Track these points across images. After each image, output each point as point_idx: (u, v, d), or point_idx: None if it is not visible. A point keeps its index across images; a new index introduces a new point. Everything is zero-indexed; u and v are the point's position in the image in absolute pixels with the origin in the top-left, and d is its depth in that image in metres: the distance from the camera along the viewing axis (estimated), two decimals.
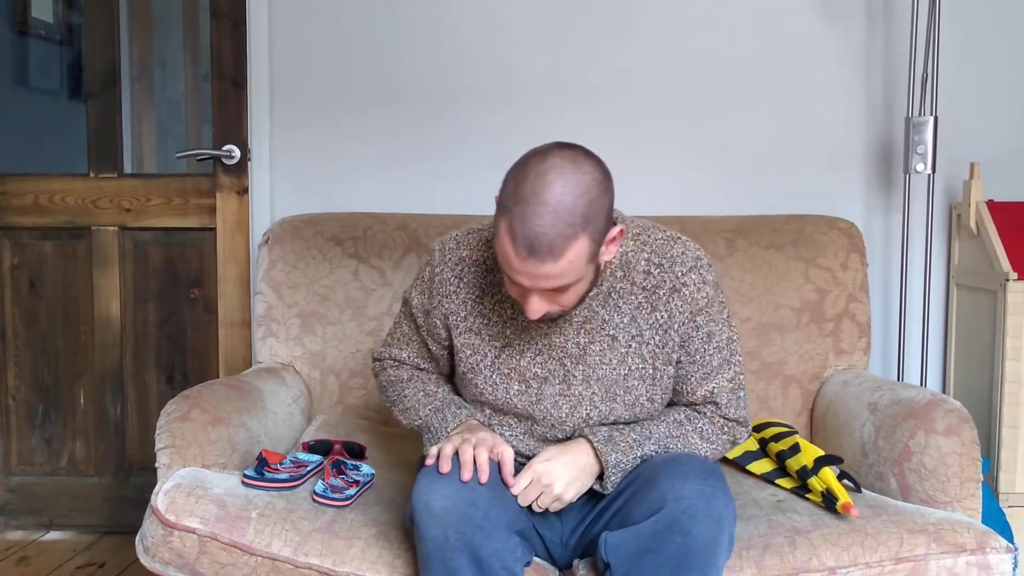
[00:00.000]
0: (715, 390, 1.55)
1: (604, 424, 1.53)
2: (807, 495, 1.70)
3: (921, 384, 2.35)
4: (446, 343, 1.63)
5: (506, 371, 1.55)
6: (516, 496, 1.46)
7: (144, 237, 2.70)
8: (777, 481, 1.81)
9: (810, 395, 2.13)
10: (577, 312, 1.50)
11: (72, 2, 2.93)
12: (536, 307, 1.38)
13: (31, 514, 2.78)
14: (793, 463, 1.76)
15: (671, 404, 1.60)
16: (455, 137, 2.50)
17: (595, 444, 1.48)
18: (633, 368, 1.51)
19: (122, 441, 2.75)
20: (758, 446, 1.95)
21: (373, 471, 1.77)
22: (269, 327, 2.21)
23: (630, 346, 1.51)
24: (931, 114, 2.28)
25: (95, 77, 2.68)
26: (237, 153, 2.57)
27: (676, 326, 1.50)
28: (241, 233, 2.59)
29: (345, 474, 1.73)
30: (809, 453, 1.74)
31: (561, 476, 1.46)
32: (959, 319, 2.39)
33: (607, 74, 2.46)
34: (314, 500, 1.63)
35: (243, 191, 2.58)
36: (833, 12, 2.43)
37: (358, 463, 1.78)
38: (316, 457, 1.80)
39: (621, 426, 1.52)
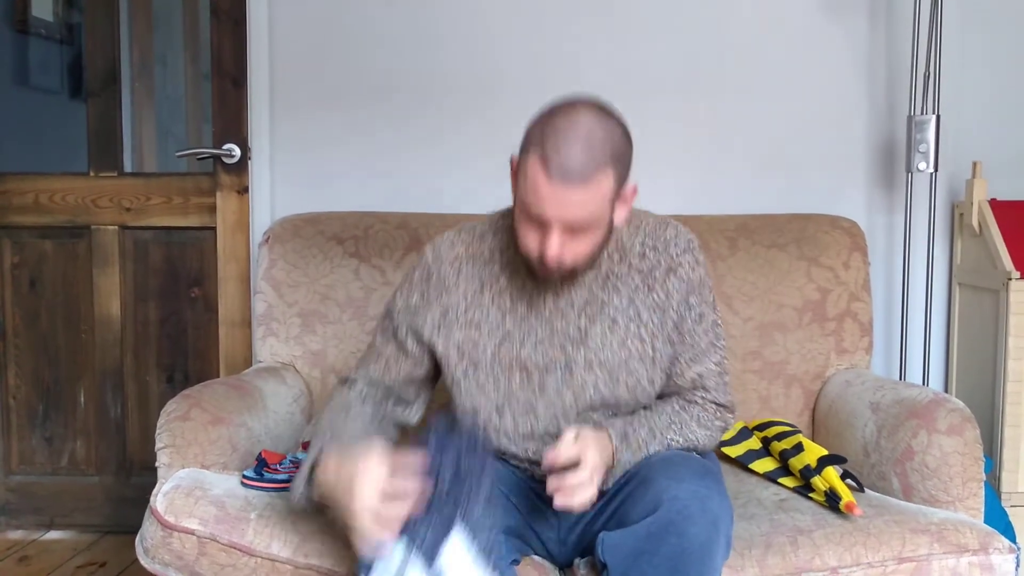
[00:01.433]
0: (703, 373, 1.55)
1: (607, 405, 1.52)
2: (810, 494, 1.70)
3: (923, 383, 2.34)
4: (428, 348, 1.57)
5: (507, 363, 1.52)
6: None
7: (144, 236, 2.70)
8: (780, 480, 1.80)
9: (812, 394, 2.13)
10: (577, 295, 1.51)
11: (72, 1, 2.93)
12: (556, 243, 1.37)
13: (32, 513, 2.78)
14: (796, 462, 1.76)
15: (661, 396, 1.59)
16: (456, 136, 2.50)
17: (613, 441, 1.46)
18: (633, 351, 1.51)
19: (122, 440, 2.74)
20: (761, 445, 1.95)
21: None
22: (269, 326, 2.21)
23: (629, 328, 1.51)
24: (933, 112, 2.27)
25: (95, 76, 2.68)
26: (237, 152, 2.56)
27: (674, 305, 1.52)
28: (241, 232, 2.59)
29: None
30: (812, 452, 1.74)
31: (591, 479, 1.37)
32: (961, 318, 2.39)
33: (609, 73, 2.45)
34: None
35: (243, 190, 2.58)
36: (835, 10, 2.42)
37: None
38: None
39: (630, 418, 1.51)
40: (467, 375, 1.54)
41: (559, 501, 1.34)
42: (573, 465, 1.35)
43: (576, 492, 1.34)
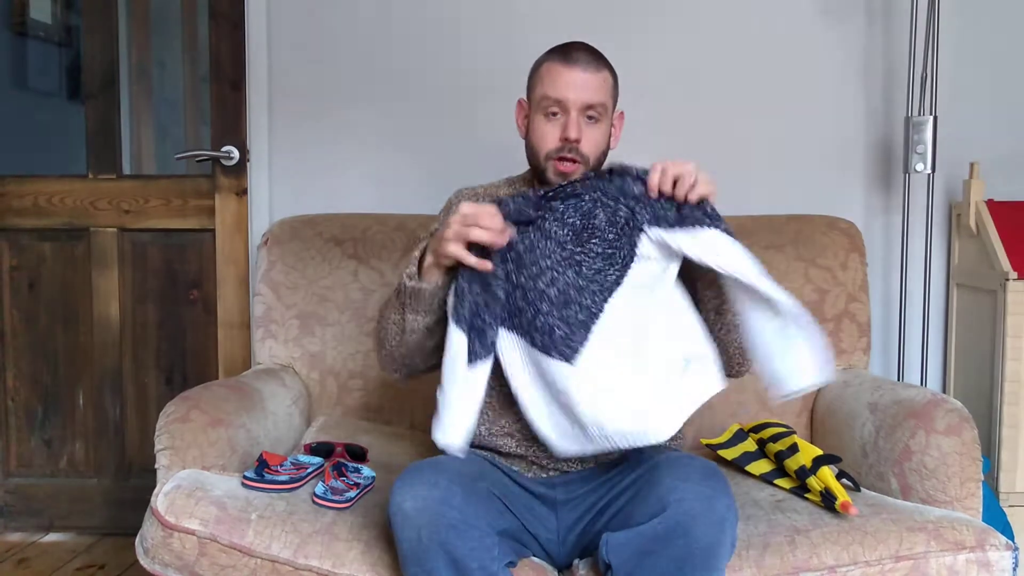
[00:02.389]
0: None
1: None
2: (806, 495, 1.70)
3: (921, 384, 2.35)
4: None
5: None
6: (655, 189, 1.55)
7: (143, 238, 2.70)
8: (776, 481, 1.80)
9: (810, 395, 2.13)
10: None
11: (71, 3, 2.93)
12: (576, 123, 1.59)
13: (31, 516, 2.78)
14: (791, 463, 1.76)
15: None
16: (454, 137, 2.50)
17: None
18: None
19: (121, 442, 2.75)
20: (756, 447, 1.95)
21: (374, 474, 1.77)
22: (268, 328, 2.21)
23: None
24: (931, 114, 2.28)
25: (94, 78, 2.68)
26: (236, 154, 2.57)
27: None
28: (240, 234, 2.59)
29: (346, 476, 1.73)
30: (807, 453, 1.74)
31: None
32: (959, 319, 2.39)
33: None
34: (314, 502, 1.62)
35: (242, 192, 2.58)
36: (833, 12, 2.43)
37: (359, 465, 1.78)
38: (317, 459, 1.80)
39: None
40: None
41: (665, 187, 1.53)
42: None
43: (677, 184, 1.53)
